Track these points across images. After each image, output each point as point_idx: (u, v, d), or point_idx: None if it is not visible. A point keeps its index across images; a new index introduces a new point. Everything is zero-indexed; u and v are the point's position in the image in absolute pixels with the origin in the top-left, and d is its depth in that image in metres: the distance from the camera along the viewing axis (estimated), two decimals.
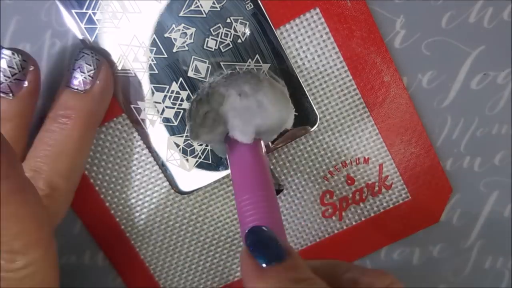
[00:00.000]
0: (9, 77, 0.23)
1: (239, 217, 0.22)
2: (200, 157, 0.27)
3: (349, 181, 0.29)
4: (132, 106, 0.26)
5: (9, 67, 0.23)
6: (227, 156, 0.25)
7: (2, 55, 0.23)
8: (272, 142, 0.27)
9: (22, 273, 0.21)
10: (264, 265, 0.19)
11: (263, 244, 0.19)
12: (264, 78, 0.24)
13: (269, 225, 0.20)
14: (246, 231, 0.20)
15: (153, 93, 0.26)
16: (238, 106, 0.23)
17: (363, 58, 0.27)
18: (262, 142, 0.25)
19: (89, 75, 0.24)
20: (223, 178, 0.28)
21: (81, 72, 0.24)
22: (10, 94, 0.23)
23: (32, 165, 0.23)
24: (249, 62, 0.26)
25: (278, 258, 0.19)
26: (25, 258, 0.21)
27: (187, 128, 0.26)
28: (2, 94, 0.23)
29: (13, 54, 0.23)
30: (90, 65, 0.24)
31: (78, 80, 0.24)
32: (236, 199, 0.23)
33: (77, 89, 0.24)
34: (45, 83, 0.26)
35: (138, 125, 0.27)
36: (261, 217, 0.21)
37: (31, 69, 0.24)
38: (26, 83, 0.24)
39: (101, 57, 0.24)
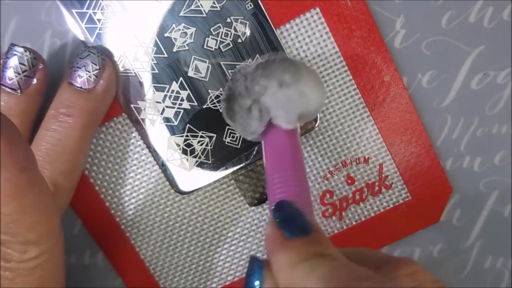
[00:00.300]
0: (19, 74, 0.23)
1: (268, 194, 0.22)
2: (200, 157, 0.27)
3: (349, 181, 0.29)
4: (132, 105, 0.26)
5: (20, 63, 0.24)
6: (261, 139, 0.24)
7: (14, 52, 0.23)
8: None
9: (33, 263, 0.22)
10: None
11: (290, 217, 0.19)
12: (302, 64, 0.24)
13: (297, 202, 0.20)
14: (274, 204, 0.20)
15: (153, 92, 0.26)
16: (280, 97, 0.22)
17: (363, 58, 0.27)
18: (298, 125, 0.24)
19: (94, 74, 0.24)
20: (223, 178, 0.28)
21: (86, 70, 0.24)
22: (19, 91, 0.24)
23: None
24: (249, 62, 0.26)
25: (303, 232, 0.19)
26: (37, 248, 0.22)
27: (234, 126, 0.25)
28: (11, 90, 0.24)
29: (25, 51, 0.24)
30: (95, 64, 0.24)
31: (83, 78, 0.24)
32: (267, 179, 0.23)
33: (81, 87, 0.24)
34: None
35: (138, 125, 0.27)
36: (290, 194, 0.21)
37: (40, 67, 0.24)
38: (35, 80, 0.24)
39: (106, 57, 0.25)
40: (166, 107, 0.26)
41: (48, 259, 0.22)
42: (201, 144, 0.27)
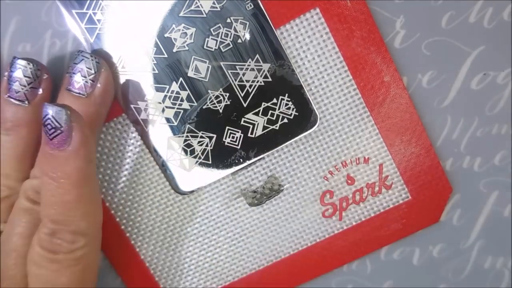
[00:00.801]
0: (25, 86, 0.24)
1: None
2: (200, 157, 0.27)
3: (349, 181, 0.29)
4: (132, 106, 0.26)
5: (24, 76, 0.24)
6: None
7: (18, 65, 0.24)
8: (274, 143, 0.27)
9: (80, 253, 0.23)
10: None
11: None
12: None
13: None
14: None
15: (153, 93, 0.26)
16: None
17: (363, 58, 0.27)
18: None
19: (90, 79, 0.24)
20: (223, 178, 0.28)
21: (82, 76, 0.24)
22: (26, 102, 0.24)
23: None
24: (249, 62, 0.26)
25: None
26: (84, 238, 0.23)
27: None
28: (18, 102, 0.24)
29: (28, 64, 0.24)
30: (90, 69, 0.24)
31: (80, 84, 0.24)
32: None
33: (79, 93, 0.24)
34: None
35: (138, 125, 0.27)
36: None
37: (44, 77, 0.25)
38: (40, 91, 0.25)
39: (101, 59, 0.25)
40: (166, 107, 0.26)
41: (91, 249, 0.24)
42: (201, 145, 0.27)
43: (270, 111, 0.27)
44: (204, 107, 0.26)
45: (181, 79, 0.26)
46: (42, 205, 0.23)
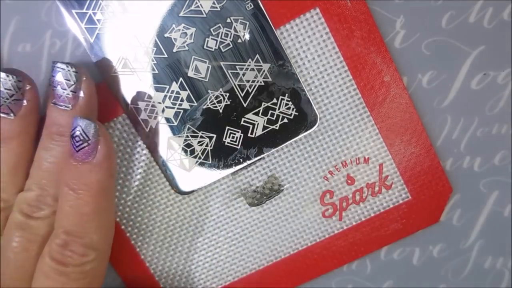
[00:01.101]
0: (7, 99, 0.24)
1: None
2: (200, 157, 0.27)
3: (349, 181, 0.29)
4: (132, 106, 0.26)
5: (5, 89, 0.24)
6: None
7: None
8: (274, 143, 0.27)
9: (88, 266, 0.23)
10: None
11: None
12: None
13: None
14: None
15: (153, 93, 0.26)
16: None
17: (363, 58, 0.27)
18: None
19: (71, 90, 0.24)
20: (223, 178, 0.28)
21: (62, 89, 0.24)
22: (12, 114, 0.24)
23: (37, 182, 0.24)
24: (249, 62, 0.26)
25: None
26: (95, 252, 0.23)
27: None
28: (4, 115, 0.24)
29: (7, 76, 0.24)
30: (69, 80, 0.24)
31: (62, 97, 0.24)
32: None
33: (64, 105, 0.24)
34: (46, 84, 0.26)
35: (138, 125, 0.27)
36: None
37: (27, 88, 0.24)
38: (25, 102, 0.24)
39: (78, 67, 0.24)
40: (166, 107, 0.26)
41: (100, 263, 0.24)
42: (201, 145, 0.27)
43: (270, 111, 0.27)
44: (204, 107, 0.26)
45: (181, 79, 0.26)
46: (57, 215, 0.23)
